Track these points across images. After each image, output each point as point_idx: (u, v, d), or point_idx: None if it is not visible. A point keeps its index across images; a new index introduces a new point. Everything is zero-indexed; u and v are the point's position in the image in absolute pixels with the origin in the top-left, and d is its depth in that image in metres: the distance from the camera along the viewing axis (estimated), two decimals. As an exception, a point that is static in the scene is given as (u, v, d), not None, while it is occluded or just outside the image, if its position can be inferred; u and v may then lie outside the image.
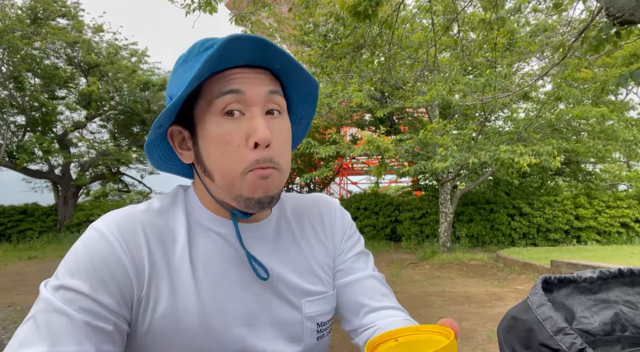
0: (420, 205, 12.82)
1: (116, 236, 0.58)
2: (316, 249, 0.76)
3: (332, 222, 0.80)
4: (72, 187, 14.28)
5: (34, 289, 6.49)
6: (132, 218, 0.62)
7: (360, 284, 0.76)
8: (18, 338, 0.52)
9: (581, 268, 6.37)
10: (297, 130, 0.76)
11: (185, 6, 4.57)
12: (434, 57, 4.95)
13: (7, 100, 12.31)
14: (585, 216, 11.85)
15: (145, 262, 0.59)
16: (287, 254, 0.72)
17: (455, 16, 4.74)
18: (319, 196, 0.84)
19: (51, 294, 0.55)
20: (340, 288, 0.76)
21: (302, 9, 5.42)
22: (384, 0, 3.79)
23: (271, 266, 0.68)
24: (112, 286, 0.56)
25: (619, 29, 2.73)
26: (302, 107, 0.73)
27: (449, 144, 7.99)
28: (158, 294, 0.60)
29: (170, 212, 0.66)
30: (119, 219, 0.61)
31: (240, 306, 0.65)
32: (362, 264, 0.78)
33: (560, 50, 4.00)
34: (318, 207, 0.81)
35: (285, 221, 0.75)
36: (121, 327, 0.57)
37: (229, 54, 0.58)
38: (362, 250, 0.81)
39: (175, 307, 0.60)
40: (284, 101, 0.65)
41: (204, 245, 0.65)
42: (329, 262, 0.77)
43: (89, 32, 13.72)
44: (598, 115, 9.15)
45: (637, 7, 2.14)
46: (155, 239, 0.62)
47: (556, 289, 0.52)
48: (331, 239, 0.79)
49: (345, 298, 0.76)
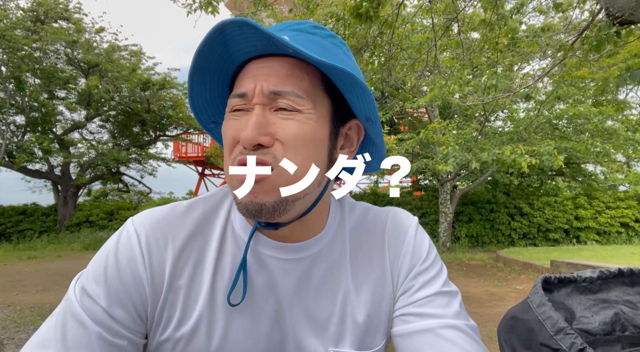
0: (420, 205, 12.81)
1: (143, 247, 0.56)
2: (371, 295, 0.61)
3: (398, 251, 0.63)
4: (72, 187, 14.28)
5: (34, 289, 6.50)
6: (167, 226, 0.58)
7: (429, 336, 0.56)
8: (38, 336, 0.54)
9: (581, 268, 6.37)
10: (372, 133, 0.61)
11: (186, 6, 4.57)
12: (434, 58, 4.95)
13: (7, 100, 12.30)
14: (585, 216, 11.85)
15: (165, 280, 0.56)
16: (317, 293, 0.60)
17: (456, 16, 4.74)
18: (392, 212, 0.68)
19: (76, 294, 0.55)
20: (399, 339, 0.59)
21: (302, 10, 5.42)
22: (385, 1, 3.79)
23: (290, 307, 0.59)
24: (128, 301, 0.55)
25: (619, 28, 2.73)
26: (356, 101, 0.57)
27: (451, 142, 7.99)
28: (170, 316, 0.57)
29: (210, 220, 0.60)
30: (154, 224, 0.58)
31: (256, 344, 0.58)
32: (438, 309, 0.58)
33: (561, 51, 4.01)
34: (384, 229, 0.65)
35: (338, 245, 0.62)
36: (136, 342, 0.56)
37: (241, 46, 0.52)
38: (440, 290, 0.61)
39: (182, 335, 0.56)
40: (302, 100, 0.53)
41: (232, 262, 0.58)
42: (381, 310, 0.62)
43: (89, 33, 13.72)
44: (597, 114, 9.16)
45: (637, 7, 2.14)
46: (184, 253, 0.58)
47: (556, 289, 0.52)
48: (395, 274, 0.63)
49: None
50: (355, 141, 0.61)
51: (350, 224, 0.65)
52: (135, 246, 0.56)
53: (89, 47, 13.26)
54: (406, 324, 0.59)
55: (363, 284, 0.62)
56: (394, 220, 0.66)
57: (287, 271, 0.59)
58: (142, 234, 0.57)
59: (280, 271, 0.59)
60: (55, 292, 6.32)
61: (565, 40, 4.48)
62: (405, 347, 0.58)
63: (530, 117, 9.47)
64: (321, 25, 0.59)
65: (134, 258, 0.56)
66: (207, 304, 0.57)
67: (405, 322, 0.59)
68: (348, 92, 0.56)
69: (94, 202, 15.79)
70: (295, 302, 0.59)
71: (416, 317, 0.58)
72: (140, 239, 0.56)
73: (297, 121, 0.53)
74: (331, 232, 0.62)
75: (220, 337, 0.57)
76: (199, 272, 0.57)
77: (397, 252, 0.63)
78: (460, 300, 0.61)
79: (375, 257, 0.63)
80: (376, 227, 0.65)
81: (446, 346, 0.54)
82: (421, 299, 0.60)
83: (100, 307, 0.53)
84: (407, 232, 0.65)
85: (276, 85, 0.52)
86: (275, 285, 0.59)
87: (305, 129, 0.53)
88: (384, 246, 0.64)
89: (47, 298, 5.93)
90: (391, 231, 0.65)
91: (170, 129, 15.68)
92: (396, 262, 0.63)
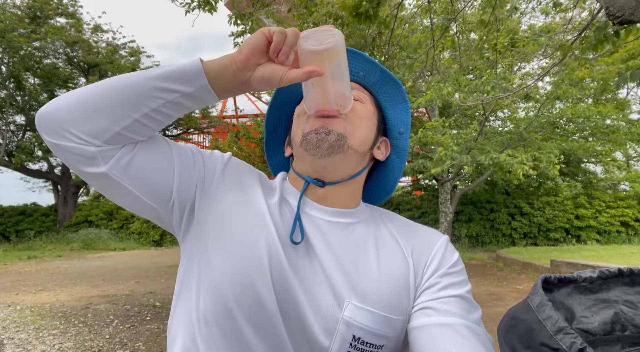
0: (420, 204, 12.83)
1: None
2: (396, 265, 0.66)
3: (431, 249, 0.68)
4: (72, 186, 14.28)
5: (33, 289, 6.49)
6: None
7: (447, 330, 0.58)
8: None
9: (581, 268, 6.37)
10: (399, 145, 0.77)
11: (184, 5, 4.56)
12: (432, 58, 4.95)
13: (6, 100, 12.29)
14: (586, 216, 11.86)
15: (252, 176, 0.73)
16: (355, 249, 0.66)
17: (455, 16, 4.74)
18: (424, 226, 0.75)
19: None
20: (417, 331, 0.60)
21: (301, 9, 5.41)
22: (384, 1, 3.78)
23: (325, 252, 0.65)
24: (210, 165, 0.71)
25: (619, 28, 2.73)
26: (398, 115, 0.76)
27: (449, 143, 7.99)
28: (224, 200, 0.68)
29: (274, 183, 0.75)
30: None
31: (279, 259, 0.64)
32: (461, 311, 0.60)
33: (560, 51, 4.01)
34: (422, 232, 0.72)
35: (372, 222, 0.72)
36: (195, 183, 0.68)
37: None
38: (465, 295, 0.63)
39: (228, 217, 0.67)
40: (364, 95, 0.74)
41: (281, 210, 0.69)
42: (407, 283, 0.65)
43: (89, 32, 13.71)
44: (597, 113, 9.16)
45: (637, 6, 2.14)
46: (261, 178, 0.75)
47: (556, 288, 0.52)
48: (423, 265, 0.66)
49: (422, 344, 0.58)
50: (383, 155, 0.77)
51: (381, 218, 0.74)
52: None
53: (89, 47, 13.25)
54: (426, 317, 0.60)
55: (394, 261, 0.66)
56: (426, 230, 0.73)
57: (329, 227, 0.68)
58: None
59: (322, 225, 0.68)
60: (55, 292, 6.32)
61: (565, 41, 4.48)
62: (421, 339, 0.59)
63: (530, 117, 9.47)
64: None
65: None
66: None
67: (426, 315, 0.61)
68: (392, 107, 0.77)
69: (94, 202, 15.80)
70: (327, 252, 0.65)
71: (438, 312, 0.60)
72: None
73: (361, 104, 0.72)
74: (364, 214, 0.73)
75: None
76: (261, 192, 0.70)
77: (431, 250, 0.68)
78: (480, 314, 0.63)
79: (409, 247, 0.69)
80: (416, 229, 0.73)
81: (462, 342, 0.56)
82: (445, 297, 0.62)
83: (196, 149, 0.71)
84: (438, 241, 0.70)
85: None
86: (317, 232, 0.67)
87: (365, 110, 0.72)
88: (421, 242, 0.70)
89: (47, 298, 5.93)
90: (429, 236, 0.71)
91: (170, 129, 15.68)
92: (428, 256, 0.67)
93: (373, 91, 0.77)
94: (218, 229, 0.65)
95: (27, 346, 3.94)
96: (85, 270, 8.44)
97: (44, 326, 4.58)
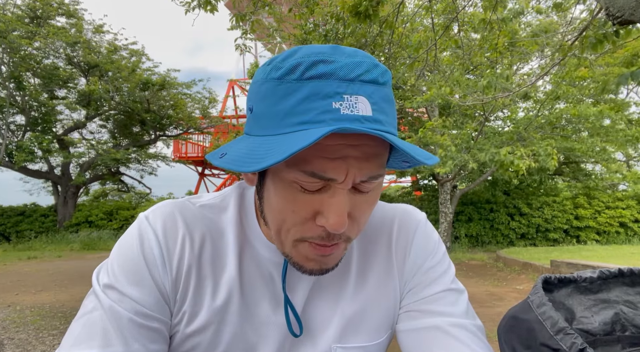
0: (420, 205, 12.82)
1: (160, 241, 0.55)
2: (373, 292, 0.61)
3: (406, 248, 0.63)
4: (72, 187, 14.28)
5: (33, 289, 6.49)
6: (184, 221, 0.57)
7: (437, 333, 0.56)
8: (72, 335, 0.51)
9: (581, 268, 6.37)
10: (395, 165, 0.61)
11: (185, 4, 4.56)
12: (434, 57, 4.95)
13: (7, 100, 12.30)
14: (585, 216, 11.86)
15: (183, 272, 0.56)
16: (334, 293, 0.60)
17: (455, 16, 4.74)
18: (401, 209, 0.66)
19: (102, 290, 0.53)
20: (405, 335, 0.59)
21: (302, 9, 5.42)
22: (384, 0, 3.78)
23: (308, 306, 0.59)
24: (155, 289, 0.54)
25: (618, 28, 2.73)
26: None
27: (449, 144, 8.00)
28: (185, 312, 0.57)
29: (223, 224, 0.59)
30: (169, 215, 0.57)
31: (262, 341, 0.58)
32: (446, 307, 0.58)
33: (560, 50, 4.01)
34: (392, 227, 0.64)
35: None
36: (166, 323, 0.56)
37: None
38: (449, 287, 0.60)
39: (194, 330, 0.57)
40: (384, 175, 0.50)
41: (250, 272, 0.58)
42: (390, 304, 0.61)
43: (89, 33, 13.71)
44: (596, 113, 9.16)
45: (637, 6, 2.14)
46: (201, 250, 0.57)
47: (556, 289, 0.52)
48: (402, 270, 0.62)
49: (411, 350, 0.57)
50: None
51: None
52: (152, 240, 0.55)
53: (89, 48, 13.26)
54: (413, 320, 0.58)
55: (368, 279, 0.61)
56: (402, 218, 0.65)
57: (301, 279, 0.59)
58: (159, 227, 0.56)
59: (295, 279, 0.59)
60: (55, 292, 6.32)
61: (565, 41, 4.48)
62: (411, 343, 0.57)
63: (529, 117, 9.47)
64: (378, 62, 0.49)
65: (159, 250, 0.55)
66: (220, 311, 0.57)
67: (412, 318, 0.59)
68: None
69: (94, 202, 15.80)
70: (309, 306, 0.59)
71: (423, 313, 0.58)
72: (157, 234, 0.55)
73: (374, 195, 0.51)
74: None
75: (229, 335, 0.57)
76: (217, 275, 0.57)
77: (406, 250, 0.63)
78: (467, 298, 0.61)
79: (382, 254, 0.62)
80: (386, 226, 0.64)
81: (453, 344, 0.54)
82: (429, 296, 0.59)
83: (128, 297, 0.52)
84: (415, 230, 0.64)
85: (368, 173, 0.46)
86: (296, 292, 0.59)
87: (377, 198, 0.52)
88: (391, 244, 0.63)
89: (47, 298, 5.93)
90: (399, 229, 0.64)
91: (170, 129, 15.68)
92: (404, 259, 0.62)
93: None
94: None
95: (27, 346, 3.95)
96: (85, 270, 8.44)
97: (43, 326, 4.58)
